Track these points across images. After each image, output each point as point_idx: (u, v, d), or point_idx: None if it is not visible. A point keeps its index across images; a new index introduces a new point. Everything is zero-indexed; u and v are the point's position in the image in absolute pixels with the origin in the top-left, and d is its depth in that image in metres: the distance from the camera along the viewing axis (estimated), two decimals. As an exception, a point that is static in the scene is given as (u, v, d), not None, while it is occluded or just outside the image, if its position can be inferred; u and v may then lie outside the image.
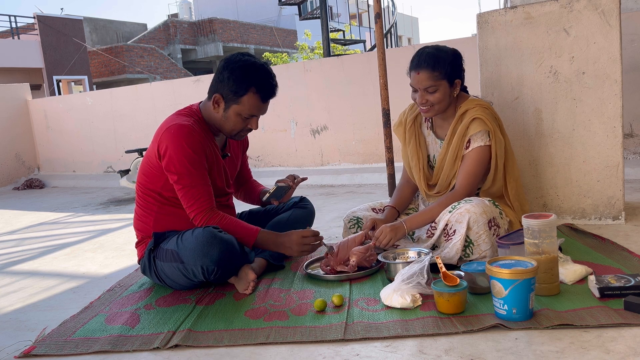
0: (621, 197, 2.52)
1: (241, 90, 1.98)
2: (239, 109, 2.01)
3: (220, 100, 2.03)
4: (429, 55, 2.11)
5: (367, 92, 4.96)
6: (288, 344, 1.55)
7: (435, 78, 2.10)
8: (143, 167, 2.11)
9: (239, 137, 2.15)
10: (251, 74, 1.98)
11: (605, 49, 2.45)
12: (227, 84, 2.00)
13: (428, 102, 2.14)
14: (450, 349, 1.42)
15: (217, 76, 2.03)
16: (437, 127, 2.32)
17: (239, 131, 2.09)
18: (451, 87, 2.15)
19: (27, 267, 2.83)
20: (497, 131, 2.14)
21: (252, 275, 1.98)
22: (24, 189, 6.70)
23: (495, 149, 2.14)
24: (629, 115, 3.89)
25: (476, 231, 1.98)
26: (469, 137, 2.15)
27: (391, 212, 2.35)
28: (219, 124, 2.08)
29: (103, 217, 4.25)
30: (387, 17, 10.50)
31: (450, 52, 2.16)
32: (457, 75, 2.15)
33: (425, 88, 2.12)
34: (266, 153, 5.59)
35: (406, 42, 32.69)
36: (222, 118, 2.05)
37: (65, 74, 17.35)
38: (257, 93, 2.00)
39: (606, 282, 1.64)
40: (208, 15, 25.00)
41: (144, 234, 2.15)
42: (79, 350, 1.62)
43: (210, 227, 1.93)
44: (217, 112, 2.05)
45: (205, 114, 2.10)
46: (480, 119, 2.12)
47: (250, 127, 2.09)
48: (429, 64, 2.10)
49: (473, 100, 2.20)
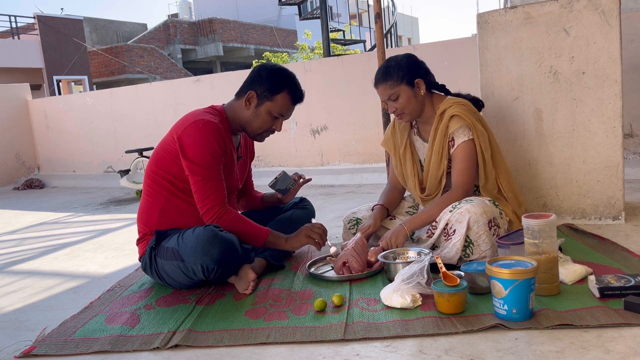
0: (621, 197, 2.52)
1: (277, 88, 2.09)
2: (272, 106, 2.10)
3: (254, 98, 2.11)
4: (379, 70, 2.26)
5: (367, 92, 4.95)
6: (288, 344, 1.55)
7: (390, 87, 2.19)
8: (157, 155, 2.13)
9: (261, 138, 2.22)
10: (287, 77, 2.14)
11: (605, 49, 2.45)
12: (264, 82, 2.10)
13: (398, 110, 2.22)
14: (450, 349, 1.42)
15: (253, 76, 2.14)
16: (422, 131, 2.36)
17: (265, 130, 2.16)
18: (413, 88, 2.19)
19: (27, 267, 2.84)
20: (476, 124, 2.17)
21: (252, 274, 1.98)
22: (24, 189, 6.70)
23: (478, 142, 2.16)
24: (629, 115, 3.89)
25: (476, 231, 1.98)
26: (450, 134, 2.18)
27: (381, 211, 2.35)
28: (245, 122, 2.14)
29: (103, 217, 4.25)
30: (387, 17, 10.50)
31: (400, 57, 2.23)
32: (415, 75, 2.19)
33: (388, 98, 2.21)
34: (266, 153, 5.59)
35: (406, 42, 32.68)
36: (251, 116, 2.12)
37: (65, 74, 17.36)
38: (290, 94, 2.12)
39: (606, 282, 1.64)
40: (208, 15, 25.00)
41: (147, 229, 2.14)
42: (79, 350, 1.62)
43: (211, 226, 1.94)
44: (247, 109, 2.12)
45: (230, 114, 2.16)
46: (458, 116, 2.15)
47: (275, 128, 2.17)
48: (380, 77, 2.22)
49: (450, 99, 2.23)
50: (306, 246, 2.59)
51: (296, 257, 2.43)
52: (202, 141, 2.00)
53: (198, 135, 2.00)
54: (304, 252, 2.52)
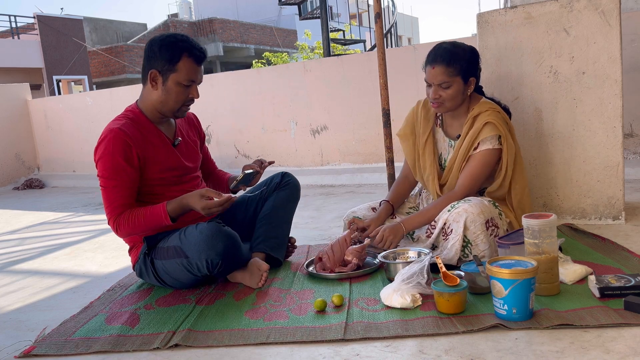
0: (621, 197, 2.52)
1: (175, 57, 2.00)
2: (177, 76, 2.01)
3: (157, 76, 2.03)
4: (446, 50, 2.11)
5: (367, 92, 4.95)
6: (288, 344, 1.55)
7: (449, 74, 2.09)
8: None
9: (182, 113, 2.11)
10: (179, 42, 2.01)
11: (605, 49, 2.45)
12: (159, 57, 2.01)
13: (441, 98, 2.13)
14: (450, 349, 1.42)
15: (147, 55, 2.05)
16: (447, 125, 2.30)
17: (182, 103, 2.07)
18: (465, 84, 2.14)
19: (27, 267, 2.84)
20: (508, 136, 2.12)
21: (264, 265, 2.02)
22: (24, 189, 6.70)
23: (506, 155, 2.12)
24: (629, 115, 3.89)
25: (473, 231, 1.97)
26: (479, 140, 2.14)
27: (386, 208, 2.33)
28: (160, 103, 2.06)
29: (103, 217, 4.21)
30: (387, 17, 10.50)
31: (468, 49, 2.15)
32: (472, 73, 2.15)
33: (440, 83, 2.11)
34: (266, 153, 5.59)
35: (406, 42, 32.68)
36: (162, 95, 2.04)
37: (65, 74, 17.35)
38: (190, 57, 2.01)
39: (606, 282, 1.64)
40: (208, 15, 24.98)
41: (135, 240, 2.16)
42: (79, 350, 1.62)
43: (213, 222, 1.96)
44: (156, 89, 2.05)
45: (144, 105, 2.10)
46: (493, 124, 2.10)
47: (192, 96, 2.07)
48: (444, 59, 2.09)
49: (486, 103, 2.18)
50: (306, 246, 2.60)
51: (296, 258, 2.43)
52: (101, 154, 2.01)
53: (98, 150, 2.02)
54: (304, 252, 2.52)
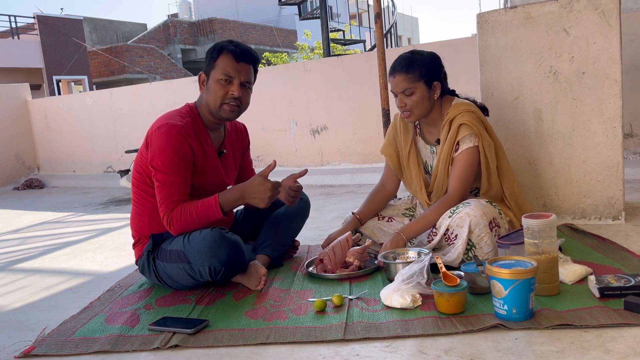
0: (621, 197, 2.52)
1: (215, 54, 2.07)
2: (215, 73, 2.05)
3: (204, 77, 2.11)
4: (403, 58, 2.15)
5: (367, 92, 4.95)
6: (288, 344, 1.55)
7: (409, 80, 2.11)
8: (137, 165, 2.12)
9: (225, 113, 2.07)
10: (221, 43, 2.10)
11: (605, 49, 2.45)
12: (206, 59, 2.11)
13: (407, 106, 2.14)
14: (450, 349, 1.42)
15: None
16: (425, 132, 2.31)
17: (221, 101, 2.05)
18: (430, 89, 2.14)
19: (27, 266, 2.83)
20: (484, 133, 2.14)
21: (262, 269, 2.01)
22: (24, 189, 6.70)
23: (483, 151, 2.13)
24: (629, 115, 3.89)
25: (478, 234, 1.97)
26: (457, 142, 2.15)
27: (353, 223, 2.34)
28: (207, 105, 2.08)
29: (103, 217, 4.25)
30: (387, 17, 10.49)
31: (426, 54, 2.17)
32: (435, 77, 2.15)
33: (402, 91, 2.13)
34: (266, 153, 5.59)
35: (406, 42, 32.67)
36: (207, 94, 2.08)
37: (65, 74, 17.35)
38: (229, 52, 2.05)
39: (606, 282, 1.64)
40: (208, 15, 24.98)
41: (140, 234, 2.15)
42: (79, 350, 1.62)
43: (217, 229, 1.94)
44: (203, 91, 2.11)
45: (201, 109, 2.13)
46: (467, 125, 2.11)
47: (232, 93, 2.04)
48: (402, 66, 2.13)
49: (460, 105, 2.18)
50: (306, 246, 2.60)
51: (296, 258, 2.43)
52: (162, 147, 1.98)
53: (159, 141, 1.98)
54: (304, 252, 2.52)
